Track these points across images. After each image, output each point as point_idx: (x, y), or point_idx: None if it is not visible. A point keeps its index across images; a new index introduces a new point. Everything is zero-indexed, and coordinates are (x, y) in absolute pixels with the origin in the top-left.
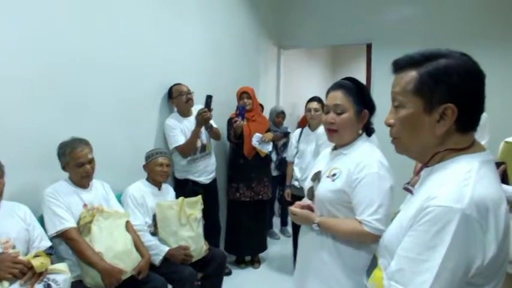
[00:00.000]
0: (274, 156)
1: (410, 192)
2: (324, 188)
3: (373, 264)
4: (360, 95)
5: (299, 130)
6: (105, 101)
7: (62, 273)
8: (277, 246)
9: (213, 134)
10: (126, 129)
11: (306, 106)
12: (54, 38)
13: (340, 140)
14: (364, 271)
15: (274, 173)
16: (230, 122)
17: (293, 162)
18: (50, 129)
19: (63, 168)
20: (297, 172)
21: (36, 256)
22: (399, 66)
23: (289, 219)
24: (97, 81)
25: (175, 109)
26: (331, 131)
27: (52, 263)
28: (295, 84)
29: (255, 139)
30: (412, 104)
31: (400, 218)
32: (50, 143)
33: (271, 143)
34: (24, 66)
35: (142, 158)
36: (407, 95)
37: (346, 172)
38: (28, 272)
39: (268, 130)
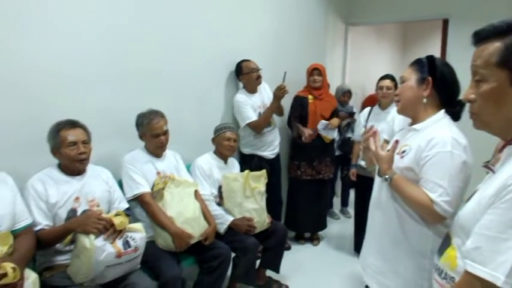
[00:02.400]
0: (336, 136)
1: (492, 170)
2: (393, 165)
3: (446, 244)
4: (426, 65)
5: (368, 109)
6: (176, 78)
7: (139, 232)
8: (337, 226)
9: (278, 109)
10: (195, 104)
11: (377, 84)
12: (130, 21)
13: (403, 108)
14: (430, 253)
15: (337, 152)
16: (295, 100)
17: (360, 142)
18: (128, 103)
19: (140, 137)
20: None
21: (116, 215)
22: (481, 37)
23: (350, 200)
24: (169, 61)
25: (241, 85)
26: (397, 102)
27: (130, 223)
28: (362, 62)
29: (321, 126)
30: (495, 78)
31: (478, 197)
32: (127, 116)
33: (337, 129)
34: (106, 47)
35: (209, 131)
36: (491, 67)
37: (415, 149)
38: (110, 228)
39: (336, 110)
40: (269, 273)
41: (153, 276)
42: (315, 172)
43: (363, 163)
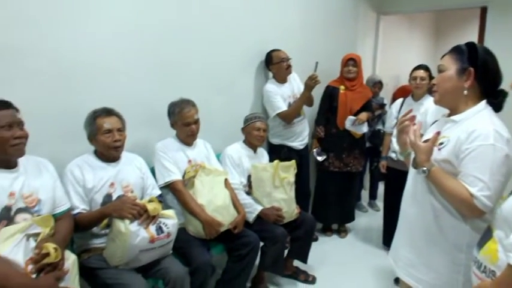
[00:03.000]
0: (366, 128)
1: None
2: None
3: (486, 236)
4: (467, 53)
5: (400, 100)
6: (206, 68)
7: (171, 219)
8: (365, 219)
9: (308, 99)
10: (224, 94)
11: (410, 74)
12: (162, 15)
13: (441, 99)
14: (466, 247)
15: (366, 144)
16: (326, 90)
17: (391, 134)
18: (161, 93)
19: (172, 126)
20: (395, 144)
21: (150, 201)
22: None
23: (379, 192)
24: (200, 52)
25: (271, 75)
26: (434, 93)
27: (162, 210)
28: (394, 52)
29: (348, 122)
30: None
31: None
32: (159, 105)
33: (366, 123)
34: (140, 40)
35: (238, 121)
36: None
37: (454, 141)
38: (144, 214)
39: (369, 102)
40: (296, 263)
41: (184, 262)
42: (342, 164)
43: (393, 155)
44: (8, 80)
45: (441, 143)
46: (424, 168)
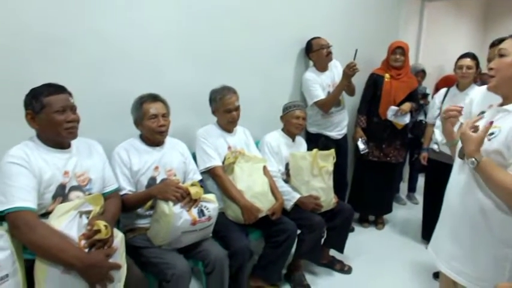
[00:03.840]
0: (408, 119)
1: None
2: None
3: None
4: None
5: (444, 90)
6: (247, 56)
7: (212, 203)
8: (403, 212)
9: (349, 88)
10: (264, 82)
11: (456, 63)
12: (203, 1)
13: (497, 85)
14: None
15: (407, 136)
16: (370, 78)
17: (433, 125)
18: (202, 80)
19: (213, 112)
20: (437, 135)
21: (192, 185)
22: None
23: (418, 185)
24: (241, 39)
25: (311, 63)
26: (491, 78)
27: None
28: (438, 40)
29: (390, 112)
30: None
31: None
32: (200, 93)
33: (409, 114)
34: (183, 28)
35: (277, 109)
36: None
37: (506, 131)
38: (187, 197)
39: (415, 91)
40: (332, 253)
41: (222, 245)
42: (382, 154)
43: (435, 147)
44: (60, 67)
45: (491, 133)
46: (473, 159)
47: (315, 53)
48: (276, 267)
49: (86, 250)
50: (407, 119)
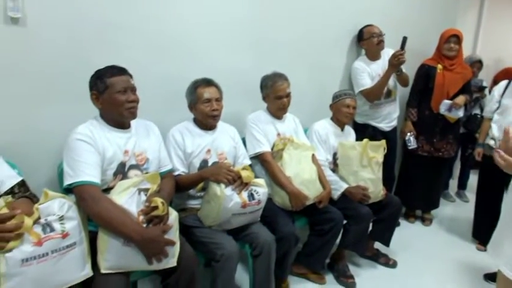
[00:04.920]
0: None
1: None
2: None
3: None
4: None
5: (505, 83)
6: (296, 43)
7: (262, 187)
8: (451, 209)
9: (401, 79)
10: (313, 69)
11: None
12: None
13: None
14: None
15: (460, 130)
16: (420, 69)
17: (491, 119)
18: (253, 67)
19: (264, 99)
20: (494, 130)
21: (244, 169)
22: None
23: (469, 183)
24: (293, 25)
25: (363, 52)
26: None
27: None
28: (500, 30)
29: (443, 107)
30: None
31: None
32: (252, 79)
33: (463, 107)
34: (235, 14)
35: (326, 98)
36: None
37: None
38: (238, 180)
39: (468, 83)
40: (377, 246)
41: (269, 230)
42: (433, 149)
43: (491, 142)
44: (119, 51)
45: None
46: None
47: (366, 41)
48: (319, 255)
49: (144, 225)
50: (461, 113)
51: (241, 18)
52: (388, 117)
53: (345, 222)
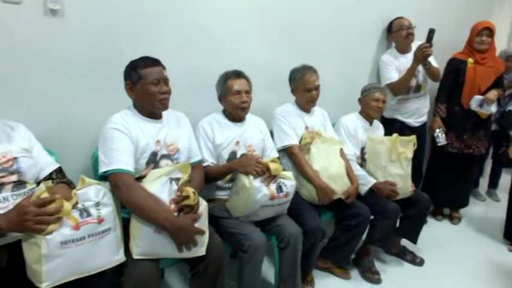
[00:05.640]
0: (494, 108)
1: None
2: None
3: None
4: None
5: None
6: (325, 35)
7: (290, 180)
8: (481, 208)
9: (431, 73)
10: (342, 62)
11: None
12: None
13: None
14: None
15: (493, 127)
16: (450, 63)
17: None
18: (282, 60)
19: (292, 92)
20: None
21: (272, 161)
22: None
23: (500, 182)
24: (323, 18)
25: (393, 45)
26: None
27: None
28: None
29: (474, 102)
30: None
31: None
32: (280, 71)
33: (495, 102)
34: (265, 7)
35: (354, 91)
36: None
37: None
38: (266, 172)
39: (501, 77)
40: (404, 243)
41: (296, 223)
42: (463, 146)
43: None
44: (151, 42)
45: None
46: None
47: (395, 34)
48: (345, 250)
49: (175, 214)
50: (493, 108)
51: (270, 10)
52: (417, 112)
53: (371, 217)
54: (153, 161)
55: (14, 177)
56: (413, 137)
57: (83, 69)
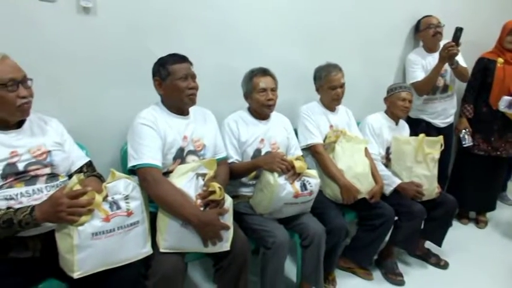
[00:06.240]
0: None
1: None
2: None
3: None
4: None
5: None
6: (350, 34)
7: (314, 178)
8: (508, 212)
9: (458, 73)
10: (367, 61)
11: None
12: None
13: None
14: None
15: None
16: (479, 63)
17: None
18: (306, 58)
19: (317, 90)
20: None
21: (297, 159)
22: None
23: None
24: (339, 16)
25: (421, 43)
26: None
27: None
28: None
29: (503, 103)
30: None
31: None
32: (305, 69)
33: None
34: (290, 5)
35: (380, 90)
36: None
37: None
38: (291, 170)
39: None
40: (428, 245)
41: (319, 221)
42: (490, 148)
43: None
44: (179, 39)
45: None
46: None
47: (423, 33)
48: (368, 251)
49: (201, 209)
50: None
51: (295, 9)
52: (444, 113)
53: (396, 218)
54: (180, 156)
55: (47, 170)
56: (440, 138)
57: (113, 67)
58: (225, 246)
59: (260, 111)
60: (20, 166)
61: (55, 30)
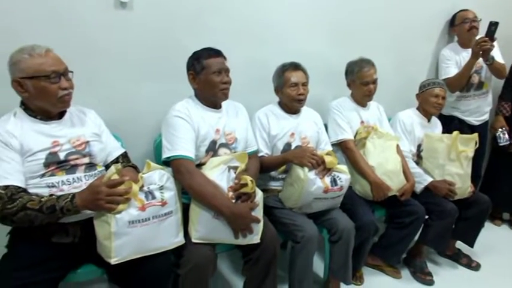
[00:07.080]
0: None
1: None
2: None
3: None
4: None
5: None
6: (381, 29)
7: (345, 174)
8: None
9: (494, 69)
10: (399, 56)
11: None
12: None
13: None
14: None
15: None
16: None
17: None
18: (337, 52)
19: (348, 85)
20: None
21: (327, 154)
22: None
23: None
24: (375, 11)
25: (456, 39)
26: None
27: None
28: None
29: None
30: None
31: None
32: (336, 64)
33: None
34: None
35: (412, 86)
36: None
37: None
38: (321, 165)
39: None
40: (459, 245)
41: (349, 217)
42: None
43: None
44: (212, 34)
45: None
46: None
47: (457, 27)
48: (397, 249)
49: (233, 201)
50: None
51: (326, 3)
52: (478, 111)
53: (426, 217)
54: (212, 149)
55: (86, 160)
56: (475, 135)
57: (146, 60)
58: (255, 238)
59: (291, 105)
60: (61, 155)
61: (94, 25)
